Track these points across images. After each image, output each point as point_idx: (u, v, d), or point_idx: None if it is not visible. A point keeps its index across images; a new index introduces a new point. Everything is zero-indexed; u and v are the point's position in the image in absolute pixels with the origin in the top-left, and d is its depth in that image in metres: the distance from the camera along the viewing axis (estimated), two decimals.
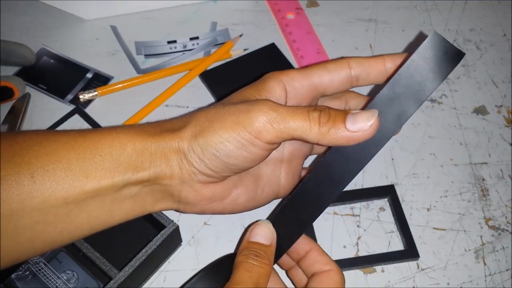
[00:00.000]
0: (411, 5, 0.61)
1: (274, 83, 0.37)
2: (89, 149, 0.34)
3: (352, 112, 0.33)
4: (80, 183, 0.33)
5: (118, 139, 0.34)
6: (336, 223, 0.45)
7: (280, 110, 0.33)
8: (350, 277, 0.43)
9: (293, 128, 0.33)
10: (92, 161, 0.33)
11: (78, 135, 0.34)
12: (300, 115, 0.33)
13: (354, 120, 0.33)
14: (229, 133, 0.33)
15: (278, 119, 0.33)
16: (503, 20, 0.60)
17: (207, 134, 0.34)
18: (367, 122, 0.33)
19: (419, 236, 0.45)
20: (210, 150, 0.34)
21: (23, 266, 0.41)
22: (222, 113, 0.34)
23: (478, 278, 0.43)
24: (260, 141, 0.33)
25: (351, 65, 0.38)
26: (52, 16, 0.57)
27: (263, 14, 0.59)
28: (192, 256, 0.43)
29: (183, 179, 0.35)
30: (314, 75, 0.37)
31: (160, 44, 0.56)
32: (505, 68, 0.56)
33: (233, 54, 0.55)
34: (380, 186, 0.47)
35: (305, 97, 0.38)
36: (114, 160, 0.34)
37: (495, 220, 0.46)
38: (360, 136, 0.33)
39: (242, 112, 0.34)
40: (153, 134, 0.35)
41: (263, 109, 0.33)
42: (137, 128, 0.36)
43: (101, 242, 0.41)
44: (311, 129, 0.33)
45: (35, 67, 0.54)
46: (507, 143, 0.51)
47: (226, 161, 0.34)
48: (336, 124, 0.33)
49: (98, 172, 0.33)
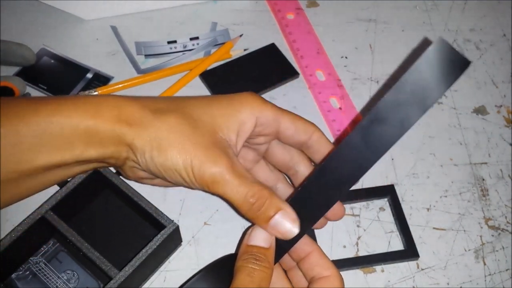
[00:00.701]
0: (411, 5, 0.61)
1: (248, 117, 0.37)
2: (40, 125, 0.34)
3: (280, 213, 0.34)
4: (30, 158, 0.34)
5: (71, 118, 0.34)
6: (336, 223, 0.45)
7: (232, 176, 0.34)
8: (350, 277, 0.43)
9: (229, 198, 0.35)
10: (42, 138, 0.34)
11: (29, 107, 0.34)
12: (240, 194, 0.34)
13: (276, 226, 0.34)
14: (180, 170, 0.35)
15: (225, 184, 0.34)
16: (503, 20, 0.60)
17: (161, 154, 0.34)
18: (285, 234, 0.35)
19: (419, 236, 0.45)
20: (158, 167, 0.35)
21: (23, 266, 0.41)
22: (184, 141, 0.35)
23: (478, 278, 0.43)
24: (199, 186, 0.35)
25: (312, 137, 0.40)
26: (52, 16, 0.57)
27: (263, 14, 0.59)
28: (192, 256, 0.43)
29: (126, 163, 0.37)
30: (282, 124, 0.39)
31: (160, 44, 0.56)
32: (505, 68, 0.56)
33: (233, 54, 0.55)
34: (380, 186, 0.47)
35: (265, 134, 0.40)
36: (65, 138, 0.34)
37: (495, 220, 0.46)
38: (276, 235, 0.35)
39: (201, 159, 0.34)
40: (108, 119, 0.35)
41: (220, 169, 0.34)
42: (92, 106, 0.35)
43: (101, 242, 0.41)
44: (241, 208, 0.35)
45: (35, 67, 0.54)
46: (507, 143, 0.51)
47: (167, 178, 0.36)
48: (259, 219, 0.35)
49: (49, 148, 0.34)
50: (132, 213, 0.43)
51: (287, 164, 0.43)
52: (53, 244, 0.42)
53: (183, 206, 0.46)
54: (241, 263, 0.34)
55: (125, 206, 0.43)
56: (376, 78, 0.55)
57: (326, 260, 0.38)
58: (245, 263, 0.34)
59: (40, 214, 0.39)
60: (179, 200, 0.46)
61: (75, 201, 0.42)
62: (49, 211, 0.39)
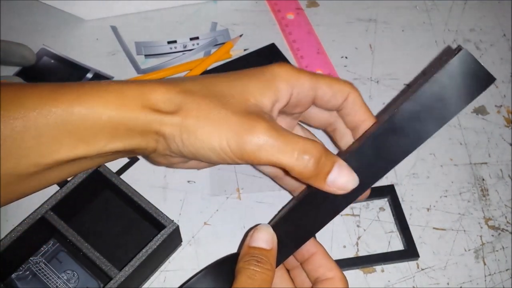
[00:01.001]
0: (411, 5, 0.61)
1: (284, 87, 0.35)
2: (61, 116, 0.32)
3: (337, 165, 0.33)
4: (52, 151, 0.32)
5: (93, 108, 0.32)
6: (336, 223, 0.45)
7: (276, 138, 0.32)
8: (350, 277, 0.43)
9: (280, 163, 0.32)
10: (64, 129, 0.32)
11: (49, 97, 0.32)
12: (291, 153, 0.32)
13: (334, 181, 0.33)
14: (215, 148, 0.33)
15: (271, 149, 0.32)
16: (503, 20, 0.60)
17: (191, 135, 0.33)
18: (346, 186, 0.33)
19: (419, 236, 0.45)
20: (191, 149, 0.33)
21: (23, 266, 0.41)
22: (214, 117, 0.33)
23: (478, 278, 0.43)
24: (241, 161, 0.33)
25: (348, 98, 0.38)
26: (52, 16, 0.57)
27: (263, 14, 0.59)
28: (192, 256, 0.43)
29: (157, 151, 0.35)
30: (320, 90, 0.37)
31: (160, 44, 0.56)
32: (505, 68, 0.56)
33: (233, 54, 0.55)
34: (380, 186, 0.47)
35: (302, 104, 0.37)
36: (88, 130, 0.32)
37: (495, 220, 0.46)
38: (335, 192, 0.33)
39: (236, 129, 0.32)
40: (133, 108, 0.33)
41: (261, 134, 0.32)
42: (115, 94, 0.33)
43: (101, 242, 0.41)
44: (295, 169, 0.33)
45: (35, 67, 0.54)
46: (507, 143, 0.51)
47: (203, 160, 0.34)
48: (317, 176, 0.33)
49: (71, 141, 0.32)
50: (132, 213, 0.43)
51: (327, 121, 0.40)
52: (53, 244, 0.42)
53: (183, 206, 0.46)
54: (242, 264, 0.33)
55: (125, 206, 0.43)
56: (376, 78, 0.55)
57: (331, 261, 0.37)
58: (246, 265, 0.33)
59: (40, 214, 0.39)
60: (179, 200, 0.46)
61: (75, 201, 0.42)
62: (49, 211, 0.39)
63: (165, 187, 0.46)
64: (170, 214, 0.41)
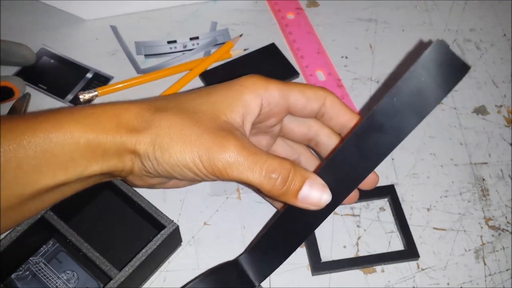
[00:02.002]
0: (411, 5, 0.61)
1: (251, 98, 0.35)
2: (39, 146, 0.32)
3: (308, 182, 0.33)
4: (33, 181, 0.32)
5: (71, 133, 0.33)
6: (336, 223, 0.45)
7: (245, 156, 0.32)
8: (350, 277, 0.43)
9: (249, 181, 0.33)
10: (43, 158, 0.32)
11: (26, 128, 0.32)
12: (259, 171, 0.32)
13: (306, 198, 0.33)
14: (188, 164, 0.33)
15: (240, 167, 0.32)
16: (503, 20, 0.60)
17: (165, 152, 0.33)
18: (318, 202, 0.33)
19: (419, 236, 0.45)
20: (165, 167, 0.34)
21: (23, 266, 0.41)
22: (186, 133, 0.33)
23: (478, 278, 0.43)
24: (214, 177, 0.33)
25: (325, 102, 0.38)
26: (52, 16, 0.57)
27: (263, 14, 0.59)
28: (192, 256, 0.43)
29: (133, 172, 0.35)
30: (291, 97, 0.37)
31: (160, 44, 0.56)
32: (505, 68, 0.56)
33: (233, 54, 0.55)
34: (380, 186, 0.47)
35: (275, 114, 0.38)
36: (67, 155, 0.33)
37: (495, 220, 0.46)
38: (308, 208, 0.33)
39: (207, 146, 0.32)
40: (109, 129, 0.33)
41: (230, 151, 0.32)
42: (91, 118, 0.34)
43: (101, 242, 0.41)
44: (264, 187, 0.33)
45: (35, 67, 0.54)
46: (507, 143, 0.51)
47: (178, 177, 0.34)
48: (286, 194, 0.33)
49: (51, 168, 0.33)
50: (132, 213, 0.43)
51: (306, 136, 0.41)
52: (53, 244, 0.42)
53: (183, 206, 0.46)
54: None
55: (125, 206, 0.43)
56: (376, 78, 0.55)
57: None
58: None
59: (40, 214, 0.39)
60: (179, 200, 0.46)
61: (75, 201, 0.41)
62: (49, 211, 0.39)
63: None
64: (170, 214, 0.41)
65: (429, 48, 0.29)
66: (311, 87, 0.38)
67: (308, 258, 0.43)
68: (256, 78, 0.36)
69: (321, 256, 0.43)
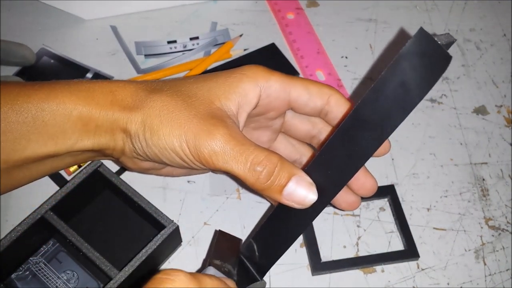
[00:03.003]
0: (411, 5, 0.61)
1: (250, 87, 0.34)
2: (31, 112, 0.32)
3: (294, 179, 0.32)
4: (21, 147, 0.32)
5: (64, 104, 0.32)
6: (336, 223, 0.45)
7: (232, 146, 0.31)
8: (350, 277, 0.43)
9: (233, 171, 0.32)
10: (34, 126, 0.32)
11: (20, 93, 0.32)
12: (244, 163, 0.31)
13: (291, 195, 0.32)
14: (175, 148, 0.32)
15: (226, 157, 0.31)
16: (503, 20, 0.60)
17: (154, 134, 0.32)
18: (303, 200, 0.32)
19: (419, 236, 0.45)
20: (154, 150, 0.33)
21: (23, 266, 0.41)
22: (176, 117, 0.32)
23: (478, 278, 0.43)
24: (199, 163, 0.33)
25: (330, 101, 0.37)
26: (52, 16, 0.57)
27: (263, 14, 0.59)
28: (192, 256, 0.43)
29: (125, 153, 0.35)
30: (293, 92, 0.36)
31: (160, 44, 0.56)
32: (505, 68, 0.56)
33: (233, 54, 0.55)
34: (380, 186, 0.47)
35: (275, 107, 0.36)
36: (58, 126, 0.32)
37: (495, 220, 0.46)
38: (292, 205, 0.32)
39: (195, 131, 0.32)
40: (103, 105, 0.33)
41: (218, 139, 0.31)
42: (86, 91, 0.33)
43: (101, 242, 0.41)
44: (248, 180, 0.32)
45: (35, 67, 0.54)
46: (507, 143, 0.51)
47: (166, 162, 0.34)
48: (270, 189, 0.32)
49: (40, 137, 0.32)
50: (132, 213, 0.43)
51: (310, 133, 0.39)
52: (53, 244, 0.42)
53: (183, 206, 0.46)
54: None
55: (125, 206, 0.43)
56: (376, 78, 0.55)
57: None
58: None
59: (40, 214, 0.39)
60: (179, 200, 0.46)
61: (75, 201, 0.42)
62: (49, 211, 0.39)
63: (165, 187, 0.46)
64: (170, 214, 0.41)
65: (412, 37, 0.28)
66: (316, 84, 0.37)
67: (308, 258, 0.43)
68: (258, 68, 0.35)
69: (321, 256, 0.43)
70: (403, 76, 0.29)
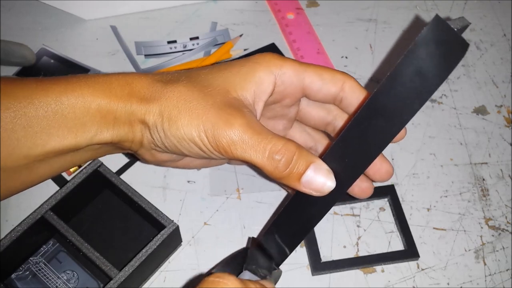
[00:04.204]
0: (411, 5, 0.61)
1: (265, 76, 0.35)
2: (50, 106, 0.32)
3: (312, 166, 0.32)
4: (42, 142, 0.32)
5: (82, 97, 0.32)
6: (336, 223, 0.45)
7: (250, 135, 0.32)
8: (350, 277, 0.43)
9: (252, 160, 0.32)
10: (53, 119, 0.32)
11: (38, 87, 0.32)
12: (263, 152, 0.32)
13: (309, 182, 0.32)
14: (194, 138, 0.33)
15: (244, 146, 0.32)
16: (503, 20, 0.60)
17: (172, 125, 0.33)
18: (322, 188, 0.32)
19: (419, 236, 0.45)
20: (172, 140, 0.33)
21: (23, 266, 0.41)
22: (193, 107, 0.33)
23: (478, 278, 0.43)
24: (217, 153, 0.33)
25: (344, 87, 0.36)
26: (52, 16, 0.57)
27: (263, 14, 0.59)
28: (192, 256, 0.43)
29: (143, 145, 0.35)
30: (307, 78, 0.36)
31: (160, 44, 0.56)
32: (505, 68, 0.56)
33: (233, 54, 0.55)
34: (380, 186, 0.47)
35: (290, 94, 0.36)
36: (78, 119, 0.33)
37: (495, 220, 0.46)
38: (311, 193, 0.33)
39: (213, 121, 0.32)
40: (120, 96, 0.33)
41: (236, 129, 0.32)
42: (103, 84, 0.33)
43: (101, 242, 0.41)
44: (266, 168, 0.32)
45: (35, 67, 0.54)
46: (507, 143, 0.51)
47: (185, 152, 0.34)
48: (289, 177, 0.32)
49: (60, 131, 0.32)
50: (132, 213, 0.43)
51: (324, 120, 0.39)
52: (53, 244, 0.42)
53: (183, 206, 0.46)
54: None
55: (125, 206, 0.43)
56: (377, 78, 0.55)
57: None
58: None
59: (40, 214, 0.39)
60: (179, 200, 0.46)
61: (75, 201, 0.42)
62: (49, 211, 0.39)
63: (165, 187, 0.46)
64: (170, 214, 0.41)
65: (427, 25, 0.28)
66: (329, 70, 0.36)
67: (308, 258, 0.43)
68: (271, 55, 0.36)
69: (321, 256, 0.43)
70: (419, 64, 0.29)
